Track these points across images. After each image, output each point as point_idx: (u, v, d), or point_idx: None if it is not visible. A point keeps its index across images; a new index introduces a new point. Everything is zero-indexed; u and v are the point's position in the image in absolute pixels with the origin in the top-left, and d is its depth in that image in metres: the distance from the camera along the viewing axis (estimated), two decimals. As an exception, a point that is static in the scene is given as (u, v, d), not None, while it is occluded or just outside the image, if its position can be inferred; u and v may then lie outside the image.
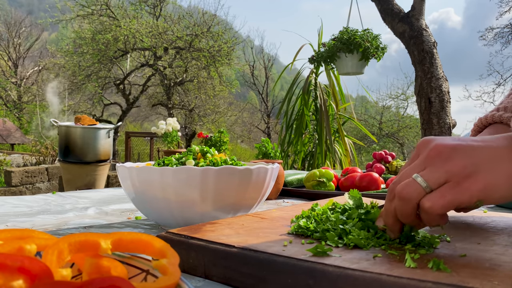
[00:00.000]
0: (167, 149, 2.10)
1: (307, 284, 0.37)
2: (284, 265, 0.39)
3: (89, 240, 0.33)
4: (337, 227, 0.47)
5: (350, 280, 0.35)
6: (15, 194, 4.73)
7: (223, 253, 0.43)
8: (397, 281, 0.33)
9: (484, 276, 0.33)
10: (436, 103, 3.25)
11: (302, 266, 0.38)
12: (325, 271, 0.36)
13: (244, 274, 0.42)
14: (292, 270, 0.38)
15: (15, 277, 0.26)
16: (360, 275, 0.35)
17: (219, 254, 0.44)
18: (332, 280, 0.36)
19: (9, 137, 15.68)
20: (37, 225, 0.73)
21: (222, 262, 0.43)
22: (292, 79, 3.56)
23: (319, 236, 0.46)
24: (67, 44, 10.68)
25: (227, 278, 0.43)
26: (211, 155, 0.74)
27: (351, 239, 0.43)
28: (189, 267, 0.46)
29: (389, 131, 13.71)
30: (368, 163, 1.31)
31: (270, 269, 0.40)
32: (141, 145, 12.74)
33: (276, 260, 0.40)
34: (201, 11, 11.57)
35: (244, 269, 0.42)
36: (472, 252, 0.41)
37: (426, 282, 0.32)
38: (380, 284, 0.34)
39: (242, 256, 0.42)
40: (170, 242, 0.48)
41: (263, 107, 17.03)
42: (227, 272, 0.43)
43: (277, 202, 1.02)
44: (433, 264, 0.35)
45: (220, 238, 0.46)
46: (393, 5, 3.57)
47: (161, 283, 0.31)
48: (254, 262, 0.41)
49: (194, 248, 0.46)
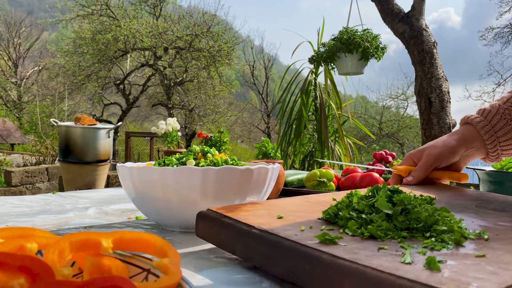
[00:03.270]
0: (167, 149, 2.10)
1: (304, 269, 0.39)
2: (289, 248, 0.41)
3: (90, 239, 0.33)
4: (360, 216, 0.47)
5: (339, 270, 0.36)
6: (15, 194, 4.72)
7: (244, 232, 0.47)
8: (378, 275, 0.34)
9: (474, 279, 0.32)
10: (436, 103, 3.25)
11: (302, 251, 0.40)
12: (320, 258, 0.38)
13: (260, 253, 0.45)
14: (294, 254, 0.41)
15: (16, 275, 0.26)
16: (347, 265, 0.36)
17: (241, 233, 0.48)
18: (325, 267, 0.37)
19: (9, 137, 15.68)
20: (38, 225, 0.73)
21: (243, 241, 0.47)
22: (294, 80, 3.56)
23: (342, 224, 0.47)
24: (67, 44, 10.67)
25: (248, 257, 0.47)
26: (211, 155, 0.74)
27: (369, 229, 0.43)
28: (220, 243, 0.51)
29: (389, 131, 13.71)
30: (368, 163, 1.31)
31: (277, 251, 0.43)
32: (141, 145, 12.73)
33: (283, 243, 0.42)
34: (201, 11, 11.57)
35: (260, 249, 0.45)
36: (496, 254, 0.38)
37: (403, 279, 0.32)
38: (362, 277, 0.34)
39: (258, 236, 0.45)
40: (207, 218, 0.53)
41: (263, 107, 17.02)
42: (247, 251, 0.47)
43: (277, 202, 1.02)
44: (428, 261, 0.35)
45: (248, 218, 0.50)
46: (393, 5, 3.57)
47: (162, 282, 0.30)
48: (267, 243, 0.44)
49: (225, 226, 0.50)
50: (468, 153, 0.78)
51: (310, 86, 3.48)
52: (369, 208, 0.49)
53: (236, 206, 0.56)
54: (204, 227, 0.54)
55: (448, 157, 0.76)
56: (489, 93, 12.41)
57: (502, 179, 0.96)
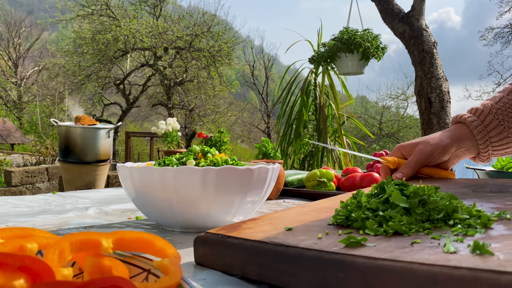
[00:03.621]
0: (167, 149, 2.10)
1: (337, 278, 0.36)
2: (314, 259, 0.38)
3: (90, 239, 0.33)
4: (377, 213, 0.44)
5: (380, 272, 0.33)
6: (15, 194, 4.72)
7: (256, 250, 0.43)
8: (429, 269, 0.31)
9: None
10: (436, 103, 3.25)
11: (331, 259, 0.37)
12: (354, 263, 0.35)
13: (277, 270, 0.41)
14: (322, 264, 0.37)
15: (16, 276, 0.26)
16: (390, 265, 0.33)
17: (253, 252, 0.43)
18: (362, 272, 0.34)
19: (9, 137, 15.68)
20: (38, 225, 0.73)
21: (256, 260, 0.43)
22: (293, 80, 3.56)
23: (359, 225, 0.44)
24: (67, 44, 10.67)
25: (262, 276, 0.42)
26: (211, 155, 0.74)
27: (391, 225, 0.41)
28: (227, 266, 0.46)
29: (389, 131, 13.71)
30: (368, 163, 1.31)
31: (300, 264, 0.39)
32: (141, 145, 12.74)
33: (306, 254, 0.39)
34: (201, 11, 11.57)
35: (277, 265, 0.41)
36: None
37: (461, 268, 0.30)
38: (411, 274, 0.31)
39: (274, 252, 0.41)
40: (207, 242, 0.49)
41: (263, 107, 17.02)
42: (261, 270, 0.42)
43: (277, 202, 1.02)
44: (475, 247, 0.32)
45: (257, 235, 0.45)
46: (393, 5, 3.57)
47: (162, 283, 0.30)
48: (286, 257, 0.40)
49: (231, 247, 0.46)
50: (458, 152, 0.77)
51: (310, 86, 3.48)
52: (382, 205, 0.46)
53: (236, 225, 0.52)
54: (205, 252, 0.49)
55: (439, 156, 0.75)
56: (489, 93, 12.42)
57: (502, 179, 0.96)
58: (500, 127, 0.75)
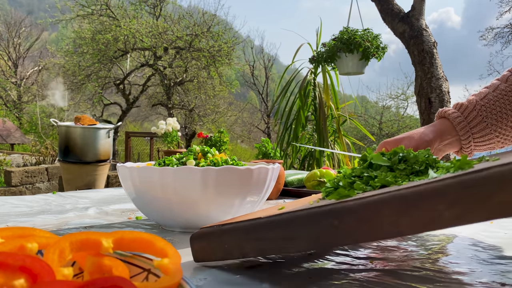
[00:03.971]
0: (167, 149, 2.10)
1: (333, 226, 0.37)
2: (308, 216, 0.40)
3: (90, 239, 0.33)
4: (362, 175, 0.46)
5: (370, 205, 0.35)
6: (15, 194, 4.72)
7: (252, 226, 0.45)
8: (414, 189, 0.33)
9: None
10: (436, 103, 3.25)
11: (324, 211, 0.38)
12: (345, 207, 0.37)
13: (274, 239, 0.42)
14: (316, 219, 0.39)
15: (16, 276, 0.26)
16: (379, 197, 0.35)
17: (249, 229, 0.45)
18: (353, 211, 0.36)
19: (9, 137, 15.68)
20: (38, 225, 0.73)
21: (253, 236, 0.44)
22: (292, 79, 3.56)
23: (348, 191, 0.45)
24: (67, 44, 10.67)
25: (261, 250, 0.44)
26: (211, 155, 0.74)
27: (377, 180, 0.43)
28: (225, 253, 0.48)
29: (389, 131, 13.71)
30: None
31: (295, 225, 0.40)
32: (141, 145, 12.73)
33: (299, 215, 0.40)
34: (201, 11, 11.56)
35: (273, 234, 0.42)
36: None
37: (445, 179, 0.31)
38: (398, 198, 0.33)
39: (269, 222, 0.43)
40: (203, 236, 0.50)
41: (263, 107, 17.02)
42: (259, 244, 0.44)
43: (277, 202, 1.02)
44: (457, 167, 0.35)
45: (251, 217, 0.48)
46: (393, 5, 3.57)
47: (162, 282, 0.30)
48: (281, 223, 0.42)
49: (227, 232, 0.47)
50: (442, 147, 0.78)
51: (309, 86, 3.48)
52: (366, 169, 0.48)
53: (229, 219, 0.54)
54: (202, 247, 0.50)
55: None
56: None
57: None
58: (483, 124, 0.76)
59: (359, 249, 0.59)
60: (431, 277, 0.46)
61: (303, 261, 0.53)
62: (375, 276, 0.47)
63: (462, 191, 0.30)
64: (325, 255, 0.55)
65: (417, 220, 0.32)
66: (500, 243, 0.63)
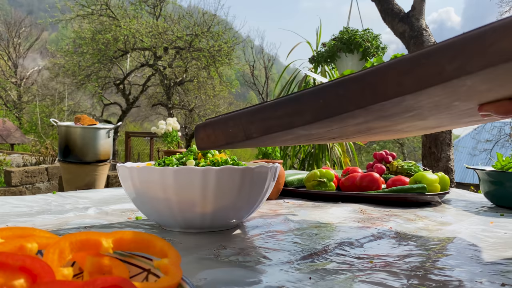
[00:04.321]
0: (167, 149, 2.10)
1: (338, 95, 0.39)
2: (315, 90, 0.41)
3: (90, 239, 0.33)
4: None
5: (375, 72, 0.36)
6: (15, 194, 4.72)
7: (259, 107, 0.46)
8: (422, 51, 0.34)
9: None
10: (436, 103, 3.25)
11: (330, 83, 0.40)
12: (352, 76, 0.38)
13: (280, 116, 0.43)
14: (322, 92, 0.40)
15: (16, 276, 0.26)
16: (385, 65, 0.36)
17: (255, 110, 0.46)
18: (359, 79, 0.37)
19: (9, 137, 15.68)
20: (38, 225, 0.73)
21: (259, 116, 0.46)
22: (292, 79, 3.56)
23: None
24: (67, 44, 10.68)
25: (266, 129, 0.45)
26: (211, 155, 0.74)
27: None
28: (230, 136, 0.49)
29: (389, 131, 13.70)
30: (368, 163, 1.31)
31: (301, 100, 0.42)
32: (141, 145, 12.73)
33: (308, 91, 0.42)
34: (201, 11, 11.57)
35: (280, 112, 0.44)
36: None
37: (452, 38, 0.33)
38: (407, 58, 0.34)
39: (276, 102, 0.44)
40: (209, 124, 0.51)
41: (263, 107, 16.99)
42: (264, 123, 0.45)
43: (277, 202, 1.02)
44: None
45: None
46: (393, 5, 3.57)
47: (162, 282, 0.30)
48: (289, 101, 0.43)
49: (232, 117, 0.48)
50: None
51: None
52: None
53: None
54: (207, 134, 0.51)
55: None
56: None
57: (502, 179, 0.96)
58: None
59: (359, 248, 0.59)
60: (431, 277, 0.46)
61: (303, 261, 0.53)
62: (375, 276, 0.47)
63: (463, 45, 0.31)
64: (325, 255, 0.55)
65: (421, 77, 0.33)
66: (500, 243, 0.63)
